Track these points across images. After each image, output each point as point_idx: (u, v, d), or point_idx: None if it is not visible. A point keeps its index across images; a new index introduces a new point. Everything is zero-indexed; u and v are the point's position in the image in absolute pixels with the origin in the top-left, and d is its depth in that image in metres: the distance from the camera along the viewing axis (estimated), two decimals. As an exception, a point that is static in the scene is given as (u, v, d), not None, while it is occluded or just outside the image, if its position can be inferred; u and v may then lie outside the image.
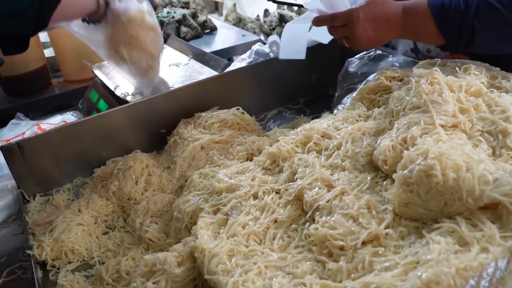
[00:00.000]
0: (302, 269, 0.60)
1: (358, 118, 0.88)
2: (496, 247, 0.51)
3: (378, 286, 0.51)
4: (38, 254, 0.87)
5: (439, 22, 0.91)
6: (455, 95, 0.74)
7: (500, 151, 0.66)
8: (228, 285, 0.59)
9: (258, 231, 0.69)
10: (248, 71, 1.33)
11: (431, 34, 0.94)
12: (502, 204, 0.55)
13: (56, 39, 1.74)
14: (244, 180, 0.83)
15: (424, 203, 0.60)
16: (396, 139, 0.70)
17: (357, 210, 0.64)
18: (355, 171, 0.74)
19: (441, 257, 0.51)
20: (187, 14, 2.18)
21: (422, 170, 0.60)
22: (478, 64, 0.88)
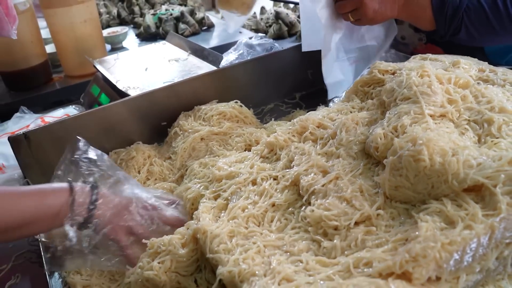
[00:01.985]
0: (298, 247, 0.64)
1: (352, 109, 0.92)
2: (479, 224, 0.56)
3: (369, 260, 0.55)
4: (45, 238, 0.91)
5: (436, 10, 1.03)
6: (444, 87, 0.79)
7: (485, 139, 0.71)
8: (229, 262, 0.63)
9: (257, 214, 0.73)
10: (246, 66, 1.36)
11: (425, 19, 1.05)
12: (485, 186, 0.59)
13: (57, 35, 1.77)
14: (243, 168, 0.87)
15: (413, 186, 0.65)
16: (387, 128, 0.74)
17: (351, 193, 0.68)
18: (348, 158, 0.78)
19: (428, 234, 0.56)
20: (185, 11, 2.22)
21: (410, 155, 0.64)
22: (467, 58, 0.92)
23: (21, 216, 0.68)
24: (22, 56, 1.74)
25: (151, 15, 2.25)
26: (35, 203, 0.70)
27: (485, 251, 0.58)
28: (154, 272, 0.70)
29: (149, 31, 2.17)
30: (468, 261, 0.57)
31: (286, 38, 2.14)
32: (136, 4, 2.51)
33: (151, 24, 2.18)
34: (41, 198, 0.71)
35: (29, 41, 1.72)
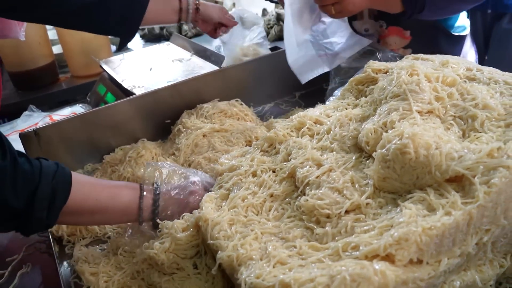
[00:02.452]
0: (293, 234, 0.69)
1: (347, 106, 0.97)
2: (458, 211, 0.60)
3: (356, 244, 0.60)
4: (55, 230, 0.96)
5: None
6: (432, 85, 0.83)
7: (469, 133, 0.75)
8: (228, 247, 0.68)
9: (256, 203, 0.78)
10: (247, 66, 1.41)
11: (394, 3, 1.16)
12: (465, 176, 0.64)
13: (64, 37, 1.82)
14: (244, 161, 0.91)
15: (399, 177, 0.69)
16: (377, 123, 0.78)
17: (342, 184, 0.73)
18: (342, 152, 0.82)
19: (411, 220, 0.60)
20: (188, 13, 2.26)
21: (397, 148, 0.69)
22: (456, 58, 0.97)
23: (96, 203, 0.75)
24: (30, 57, 1.79)
25: (155, 16, 2.30)
26: (110, 194, 0.77)
27: (464, 237, 0.63)
28: (154, 251, 0.76)
29: (154, 32, 2.23)
30: (448, 245, 0.61)
31: (287, 39, 2.18)
32: (141, 5, 2.56)
33: (155, 26, 2.23)
34: (115, 191, 0.78)
35: (36, 43, 1.78)
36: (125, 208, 0.79)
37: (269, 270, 0.60)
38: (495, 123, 0.75)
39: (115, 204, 0.78)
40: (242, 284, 0.61)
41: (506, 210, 0.65)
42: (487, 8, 2.04)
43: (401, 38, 1.40)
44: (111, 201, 0.77)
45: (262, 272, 0.60)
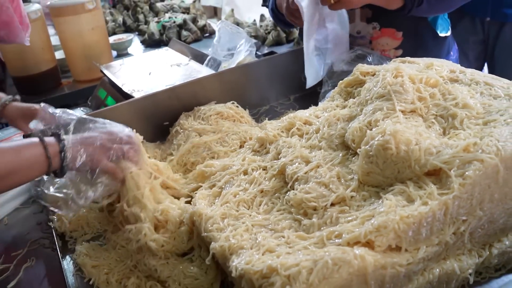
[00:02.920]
0: (282, 225, 0.73)
1: (336, 107, 1.01)
2: (434, 201, 0.64)
3: (339, 232, 0.64)
4: (58, 226, 1.01)
5: None
6: (415, 86, 0.87)
7: (449, 131, 0.79)
8: (221, 238, 0.72)
9: (247, 199, 0.82)
10: (243, 70, 1.46)
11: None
12: (442, 170, 0.68)
13: (67, 42, 1.88)
14: (235, 160, 0.96)
15: (382, 172, 0.74)
16: (363, 122, 0.83)
17: (329, 179, 0.77)
18: (329, 149, 0.87)
19: (390, 209, 0.65)
20: (187, 19, 2.32)
21: (380, 144, 0.73)
22: (440, 61, 1.01)
23: (3, 168, 0.76)
24: (33, 62, 1.84)
25: (155, 22, 2.36)
26: (13, 157, 0.78)
27: (442, 226, 0.67)
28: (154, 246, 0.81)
29: (153, 38, 2.28)
30: (426, 234, 0.66)
31: (284, 44, 2.23)
32: (141, 12, 2.62)
33: (155, 31, 2.29)
34: (17, 153, 0.79)
35: (40, 48, 1.83)
36: (33, 163, 0.79)
37: (258, 257, 0.64)
38: (473, 121, 0.79)
39: (21, 163, 0.78)
40: (233, 271, 0.65)
41: (482, 201, 0.69)
42: (486, 16, 2.08)
43: (392, 39, 1.45)
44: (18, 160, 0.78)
45: (252, 259, 0.64)
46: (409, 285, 0.67)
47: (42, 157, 0.80)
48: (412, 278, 0.67)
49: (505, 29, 2.09)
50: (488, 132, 0.73)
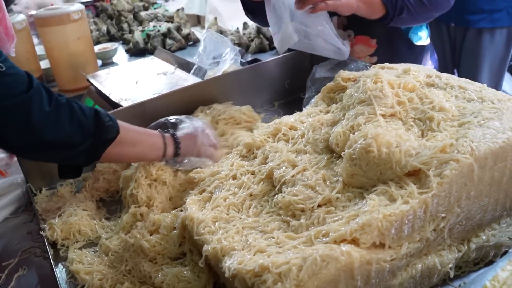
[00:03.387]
0: (271, 227, 0.76)
1: (320, 113, 1.05)
2: (414, 200, 0.68)
3: (326, 231, 0.68)
4: (50, 235, 1.02)
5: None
6: (394, 91, 0.92)
7: (427, 133, 0.84)
8: (213, 241, 0.75)
9: (237, 202, 0.85)
10: (228, 78, 1.49)
11: (377, 7, 1.28)
12: (421, 170, 0.72)
13: (52, 52, 1.88)
14: (224, 166, 0.99)
15: (365, 173, 0.77)
16: (345, 126, 0.87)
17: (315, 181, 0.80)
18: (314, 153, 0.90)
19: (374, 209, 0.68)
20: (171, 28, 2.35)
21: (362, 147, 0.77)
22: (417, 66, 1.06)
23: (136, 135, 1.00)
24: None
25: (139, 31, 2.38)
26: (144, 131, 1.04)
27: (422, 223, 0.71)
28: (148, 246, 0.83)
29: (138, 46, 2.30)
30: (408, 231, 0.70)
31: (267, 51, 2.28)
32: (125, 21, 2.64)
33: (139, 40, 2.31)
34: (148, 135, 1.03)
35: (25, 58, 1.83)
36: (155, 143, 1.01)
37: (250, 257, 0.67)
38: (449, 123, 0.84)
39: (148, 139, 1.02)
40: (226, 271, 0.67)
41: (459, 199, 0.73)
42: (451, 22, 2.20)
43: (367, 47, 1.50)
44: (146, 137, 1.02)
45: (244, 259, 0.67)
46: (394, 280, 0.71)
47: (161, 144, 1.02)
48: (396, 273, 0.71)
49: (468, 34, 2.22)
50: (463, 133, 0.78)
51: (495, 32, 2.23)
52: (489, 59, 2.26)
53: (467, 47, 2.29)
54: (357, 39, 1.48)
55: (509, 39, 2.26)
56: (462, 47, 2.31)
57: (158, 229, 0.90)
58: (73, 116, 0.86)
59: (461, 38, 2.28)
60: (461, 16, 2.21)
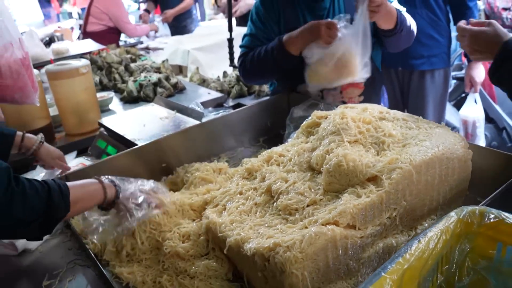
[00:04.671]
0: (274, 222, 1.06)
1: (301, 143, 1.37)
2: (374, 195, 1.00)
3: (316, 219, 0.98)
4: (92, 248, 1.26)
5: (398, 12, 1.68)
6: (356, 124, 1.25)
7: (380, 152, 1.17)
8: (233, 235, 1.03)
9: (246, 209, 1.14)
10: (221, 120, 1.81)
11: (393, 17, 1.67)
12: (377, 176, 1.04)
13: (60, 101, 2.15)
14: (231, 185, 1.28)
15: (339, 181, 1.09)
16: (322, 151, 1.19)
17: (303, 189, 1.11)
18: (301, 171, 1.22)
19: (347, 202, 0.99)
20: (161, 78, 2.66)
21: (335, 163, 1.09)
22: (373, 105, 1.41)
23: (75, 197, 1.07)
24: (30, 119, 2.09)
25: (132, 81, 2.68)
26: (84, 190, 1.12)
27: (380, 212, 1.02)
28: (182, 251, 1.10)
29: (132, 95, 2.59)
30: (371, 217, 1.01)
31: (246, 96, 2.62)
32: (116, 72, 2.94)
33: (133, 89, 2.60)
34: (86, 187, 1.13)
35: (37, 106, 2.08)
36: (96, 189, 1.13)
37: (264, 241, 0.96)
38: (396, 145, 1.18)
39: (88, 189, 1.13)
40: (248, 252, 0.96)
41: (404, 195, 1.06)
42: (398, 66, 2.67)
43: (357, 89, 1.87)
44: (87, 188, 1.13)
45: (260, 242, 0.96)
46: (363, 253, 1.01)
47: (101, 189, 1.13)
48: (365, 248, 1.01)
49: (413, 76, 2.69)
50: (405, 151, 1.11)
51: (435, 73, 2.69)
52: (432, 96, 2.71)
53: (413, 87, 2.73)
54: (349, 84, 1.83)
55: (446, 78, 2.73)
56: (409, 88, 2.75)
57: (188, 237, 1.17)
58: (25, 201, 0.96)
59: (408, 80, 2.73)
60: (406, 61, 2.67)
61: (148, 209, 1.19)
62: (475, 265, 0.91)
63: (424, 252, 0.82)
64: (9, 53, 1.72)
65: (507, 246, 0.89)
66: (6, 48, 1.71)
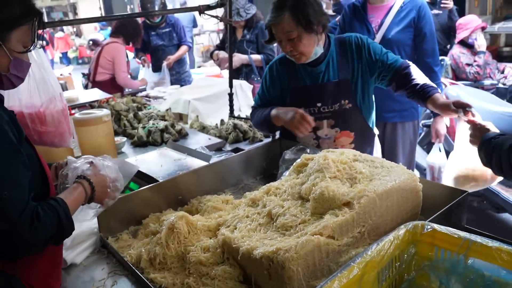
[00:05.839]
0: (275, 236, 1.42)
1: (293, 179, 1.76)
2: (347, 214, 1.38)
3: (305, 232, 1.34)
4: (129, 260, 1.60)
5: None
6: (335, 164, 1.65)
7: (353, 185, 1.56)
8: (245, 245, 1.39)
9: (252, 228, 1.50)
10: (225, 163, 2.19)
11: None
12: (350, 201, 1.43)
13: (84, 145, 2.50)
14: (239, 211, 1.65)
15: (322, 206, 1.47)
16: (310, 184, 1.57)
17: (295, 213, 1.48)
18: (293, 200, 1.59)
19: (328, 220, 1.37)
20: (168, 125, 3.06)
21: (319, 192, 1.47)
22: (349, 150, 1.81)
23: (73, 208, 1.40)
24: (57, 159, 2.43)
25: (141, 128, 3.06)
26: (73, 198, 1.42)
27: (352, 228, 1.40)
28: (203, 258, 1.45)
29: (142, 140, 2.96)
30: (345, 230, 1.38)
31: (242, 141, 3.01)
32: (126, 119, 3.32)
33: (143, 135, 2.98)
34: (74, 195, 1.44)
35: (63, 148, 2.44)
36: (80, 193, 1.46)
37: (268, 247, 1.32)
38: (365, 180, 1.57)
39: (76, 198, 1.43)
40: (257, 256, 1.32)
41: (370, 216, 1.44)
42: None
43: (348, 138, 2.27)
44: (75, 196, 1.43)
45: (265, 248, 1.32)
46: (341, 258, 1.37)
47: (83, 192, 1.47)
48: (342, 254, 1.38)
49: (387, 127, 3.10)
50: (371, 183, 1.51)
51: (405, 125, 3.12)
52: (402, 144, 3.13)
53: (387, 136, 3.16)
54: (342, 134, 2.23)
55: (414, 129, 3.17)
56: (384, 136, 3.17)
57: (208, 250, 1.51)
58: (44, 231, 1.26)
59: (381, 130, 3.15)
60: (380, 114, 3.06)
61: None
62: (419, 263, 1.28)
63: (381, 251, 1.19)
64: (53, 105, 2.11)
65: (441, 249, 1.27)
66: (51, 100, 2.10)
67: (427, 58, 2.93)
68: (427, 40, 2.90)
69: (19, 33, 1.31)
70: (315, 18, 2.02)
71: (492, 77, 5.29)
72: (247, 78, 4.30)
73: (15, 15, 1.28)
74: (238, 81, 3.80)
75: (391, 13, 2.90)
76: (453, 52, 5.29)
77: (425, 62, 2.92)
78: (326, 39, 2.21)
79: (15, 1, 1.29)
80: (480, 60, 5.09)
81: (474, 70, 5.12)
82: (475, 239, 1.18)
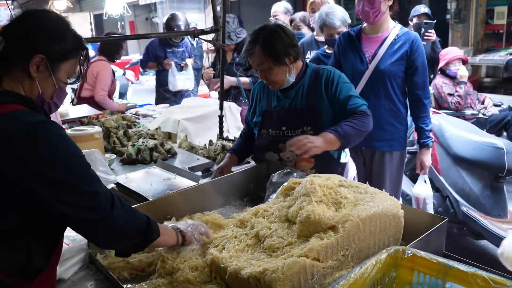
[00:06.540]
0: (262, 257, 1.47)
1: (281, 202, 1.81)
2: (332, 238, 1.44)
3: (292, 253, 1.40)
4: (118, 276, 1.62)
5: None
6: (321, 188, 1.71)
7: (338, 210, 1.62)
8: (233, 265, 1.43)
9: (240, 248, 1.55)
10: (214, 184, 2.24)
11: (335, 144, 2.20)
12: (335, 225, 1.49)
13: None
14: (227, 232, 1.70)
15: (308, 229, 1.52)
16: (296, 207, 1.63)
17: (282, 235, 1.54)
18: (280, 222, 1.65)
19: (313, 242, 1.42)
20: (157, 144, 3.10)
21: (306, 216, 1.53)
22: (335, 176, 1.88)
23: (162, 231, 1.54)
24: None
25: (131, 145, 3.09)
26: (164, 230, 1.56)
27: (337, 251, 1.46)
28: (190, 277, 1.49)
29: (131, 157, 3.00)
30: (330, 253, 1.44)
31: (230, 162, 3.06)
32: (116, 136, 3.35)
33: (132, 153, 3.02)
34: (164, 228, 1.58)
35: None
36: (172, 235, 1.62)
37: (255, 268, 1.37)
38: (349, 204, 1.63)
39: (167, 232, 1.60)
40: (244, 276, 1.36)
41: (354, 239, 1.50)
42: (362, 146, 3.13)
43: (308, 163, 2.34)
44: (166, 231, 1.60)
45: (252, 268, 1.36)
46: (325, 280, 1.42)
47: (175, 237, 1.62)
48: (326, 276, 1.43)
49: (375, 155, 3.17)
50: (355, 208, 1.57)
51: (393, 154, 3.19)
52: (389, 172, 3.20)
53: (375, 164, 3.22)
54: (302, 159, 2.31)
55: (401, 159, 3.24)
56: (372, 164, 3.24)
57: (196, 269, 1.55)
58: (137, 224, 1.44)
59: (370, 158, 3.22)
60: (369, 143, 3.08)
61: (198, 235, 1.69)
62: (400, 286, 1.34)
63: (364, 274, 1.25)
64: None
65: (421, 273, 1.33)
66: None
67: (418, 91, 3.01)
68: (419, 73, 2.98)
69: (67, 65, 1.43)
70: (284, 52, 2.21)
71: (473, 107, 5.47)
72: (236, 100, 4.39)
73: (68, 49, 1.40)
74: (227, 103, 3.88)
75: (384, 44, 2.98)
76: (436, 82, 5.47)
77: (416, 94, 3.02)
78: (304, 67, 2.39)
79: (69, 36, 1.42)
80: (461, 90, 5.27)
81: (455, 100, 5.29)
82: (453, 264, 1.25)
